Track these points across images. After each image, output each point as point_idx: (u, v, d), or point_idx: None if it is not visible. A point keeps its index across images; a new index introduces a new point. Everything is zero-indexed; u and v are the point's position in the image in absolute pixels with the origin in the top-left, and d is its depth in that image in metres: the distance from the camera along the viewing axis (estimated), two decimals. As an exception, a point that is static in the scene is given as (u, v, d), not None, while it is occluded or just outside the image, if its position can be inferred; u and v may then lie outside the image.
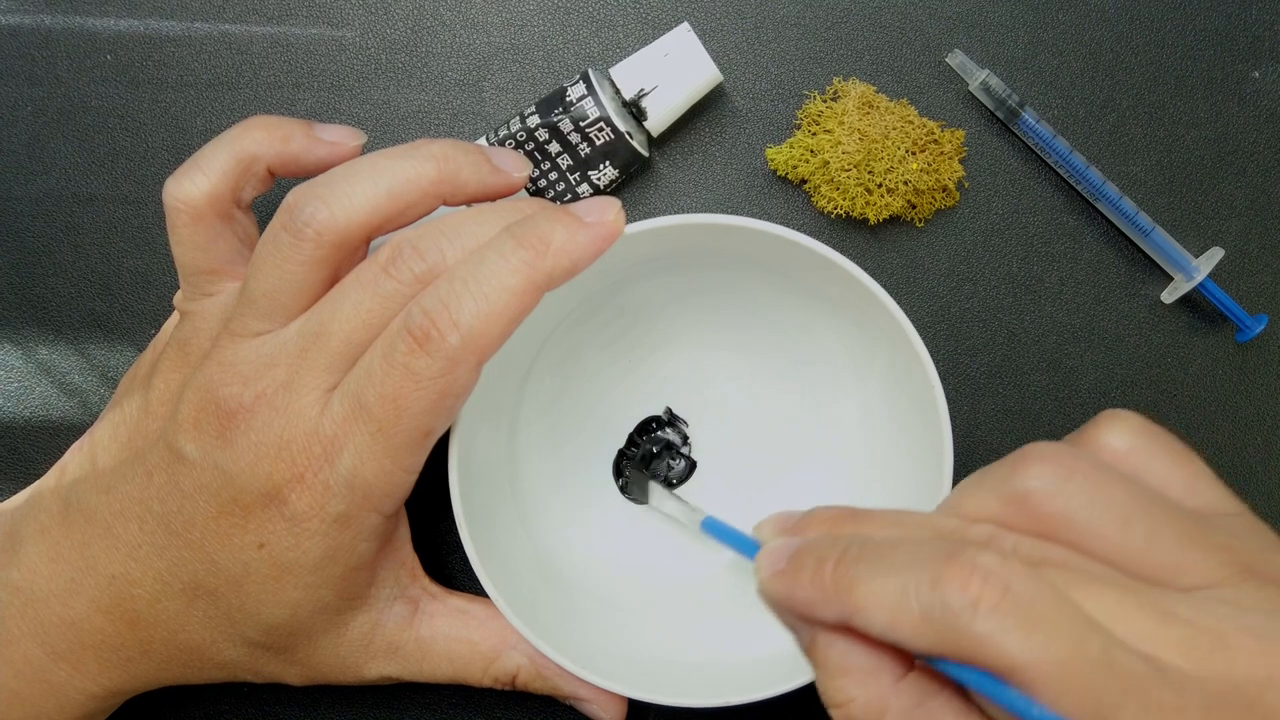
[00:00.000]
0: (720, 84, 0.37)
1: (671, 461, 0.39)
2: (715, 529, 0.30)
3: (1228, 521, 0.23)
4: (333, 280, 0.30)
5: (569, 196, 0.37)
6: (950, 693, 0.22)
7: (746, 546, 0.27)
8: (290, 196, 0.30)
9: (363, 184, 0.29)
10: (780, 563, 0.23)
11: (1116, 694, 0.19)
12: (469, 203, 0.32)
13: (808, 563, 0.23)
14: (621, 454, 0.39)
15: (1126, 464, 0.23)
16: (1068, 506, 0.22)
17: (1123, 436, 0.23)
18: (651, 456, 0.39)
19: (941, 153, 0.38)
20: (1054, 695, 0.19)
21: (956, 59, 0.38)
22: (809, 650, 0.23)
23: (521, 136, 0.36)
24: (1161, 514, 0.22)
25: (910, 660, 0.22)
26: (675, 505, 0.36)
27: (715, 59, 0.36)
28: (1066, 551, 0.21)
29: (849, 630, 0.22)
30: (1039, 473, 0.22)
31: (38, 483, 0.34)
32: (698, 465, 0.39)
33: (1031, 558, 0.21)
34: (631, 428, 0.39)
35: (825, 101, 0.38)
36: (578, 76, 0.36)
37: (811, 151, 0.37)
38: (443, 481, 0.32)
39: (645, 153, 0.37)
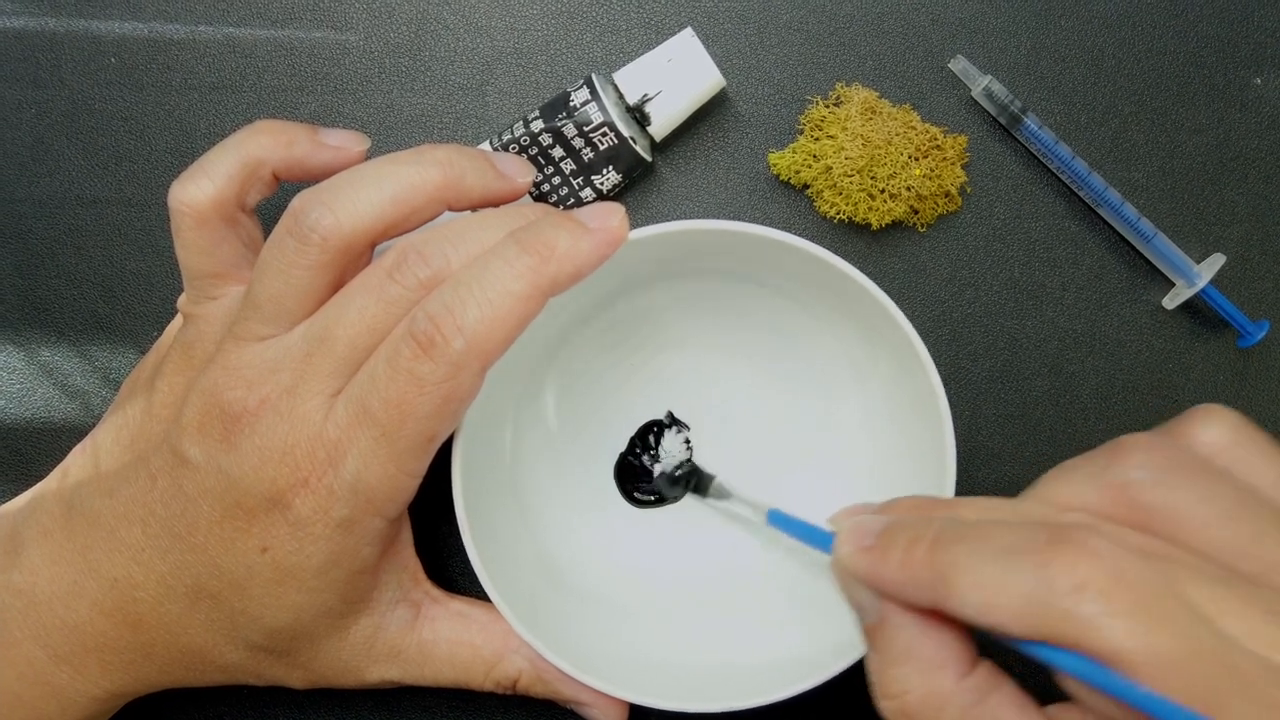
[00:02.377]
0: (723, 89, 0.38)
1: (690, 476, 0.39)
2: (782, 521, 0.30)
3: None
4: (337, 285, 0.30)
5: (572, 201, 0.37)
6: (1011, 689, 0.21)
7: (815, 537, 0.27)
8: (296, 201, 0.30)
9: (368, 189, 0.29)
10: (867, 539, 0.23)
11: (1228, 688, 0.18)
12: (473, 208, 0.32)
13: (899, 540, 0.22)
14: (623, 459, 0.39)
15: (1219, 459, 0.23)
16: (1171, 498, 0.21)
17: (1217, 431, 0.23)
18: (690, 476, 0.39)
19: (944, 158, 0.38)
20: (1161, 684, 0.18)
21: (959, 65, 0.38)
22: (873, 632, 0.22)
23: (525, 141, 0.36)
24: (1264, 513, 0.21)
25: (974, 659, 0.22)
26: (739, 499, 0.37)
27: (718, 64, 0.36)
28: (1166, 544, 0.21)
29: (927, 615, 0.21)
30: (1141, 462, 0.21)
31: (40, 485, 0.34)
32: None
33: (1132, 547, 0.20)
34: (633, 431, 0.39)
35: (828, 107, 0.38)
36: (581, 81, 0.36)
37: (814, 157, 0.37)
38: (445, 485, 0.32)
39: (648, 157, 0.37)
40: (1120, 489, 0.21)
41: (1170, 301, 0.39)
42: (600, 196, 0.37)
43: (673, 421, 0.39)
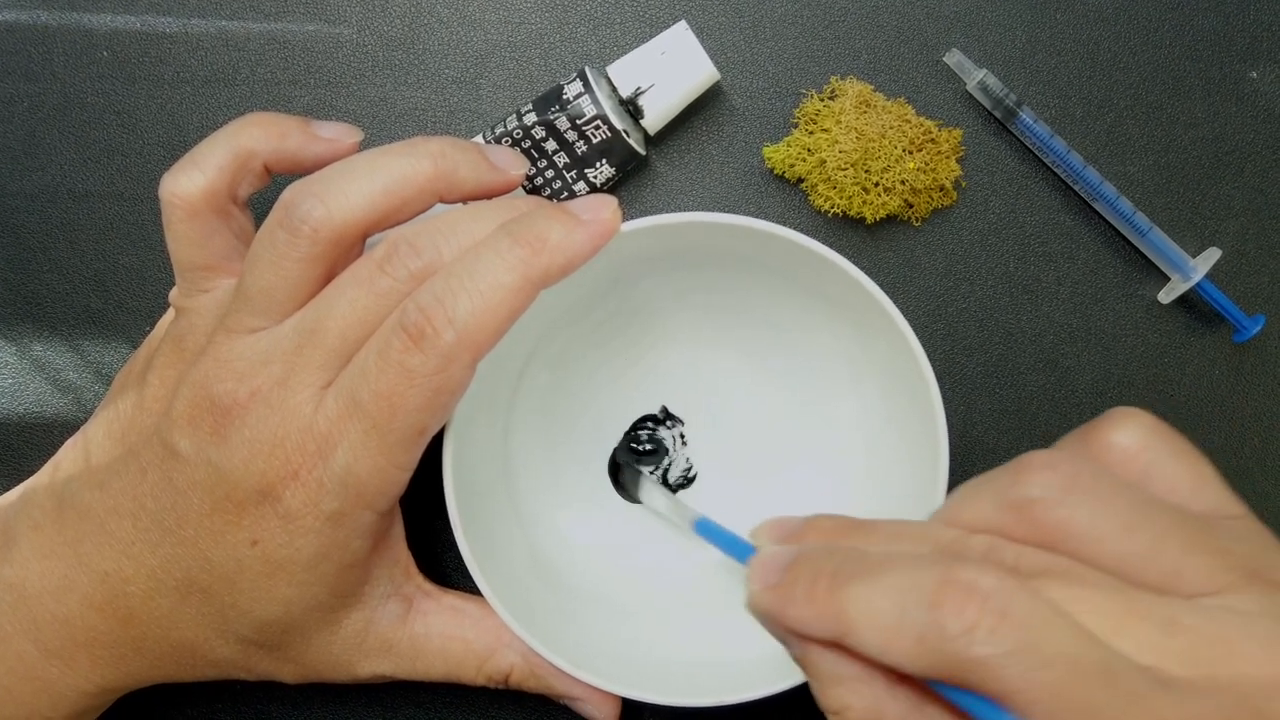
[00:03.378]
0: (717, 82, 0.37)
1: (668, 462, 0.39)
2: (708, 531, 0.30)
3: (1232, 525, 0.22)
4: (328, 277, 0.30)
5: (565, 194, 0.37)
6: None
7: (740, 550, 0.27)
8: (287, 193, 0.30)
9: (359, 181, 0.29)
10: (772, 576, 0.23)
11: (1117, 711, 0.18)
12: (465, 200, 0.32)
13: (801, 578, 0.22)
14: (616, 452, 0.39)
15: (1135, 463, 0.23)
16: (1070, 516, 0.21)
17: (1132, 435, 0.23)
18: (645, 453, 0.39)
19: (939, 152, 0.38)
20: (1051, 718, 0.18)
21: (954, 58, 0.38)
22: (801, 661, 0.23)
23: (518, 134, 0.36)
24: (1165, 520, 0.21)
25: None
26: (667, 503, 0.36)
27: (712, 57, 0.36)
28: (1069, 561, 0.21)
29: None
30: (1040, 481, 0.22)
31: (31, 479, 0.34)
32: (693, 465, 0.39)
33: (1034, 568, 0.21)
34: (627, 426, 0.39)
35: (822, 100, 0.38)
36: (575, 74, 0.36)
37: (808, 150, 0.37)
38: (437, 479, 0.32)
39: (642, 151, 0.37)
40: (1022, 509, 0.22)
41: (1166, 296, 0.39)
42: (593, 190, 0.37)
43: (667, 416, 0.39)
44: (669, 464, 0.39)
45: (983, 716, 0.19)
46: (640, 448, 0.39)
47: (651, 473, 0.39)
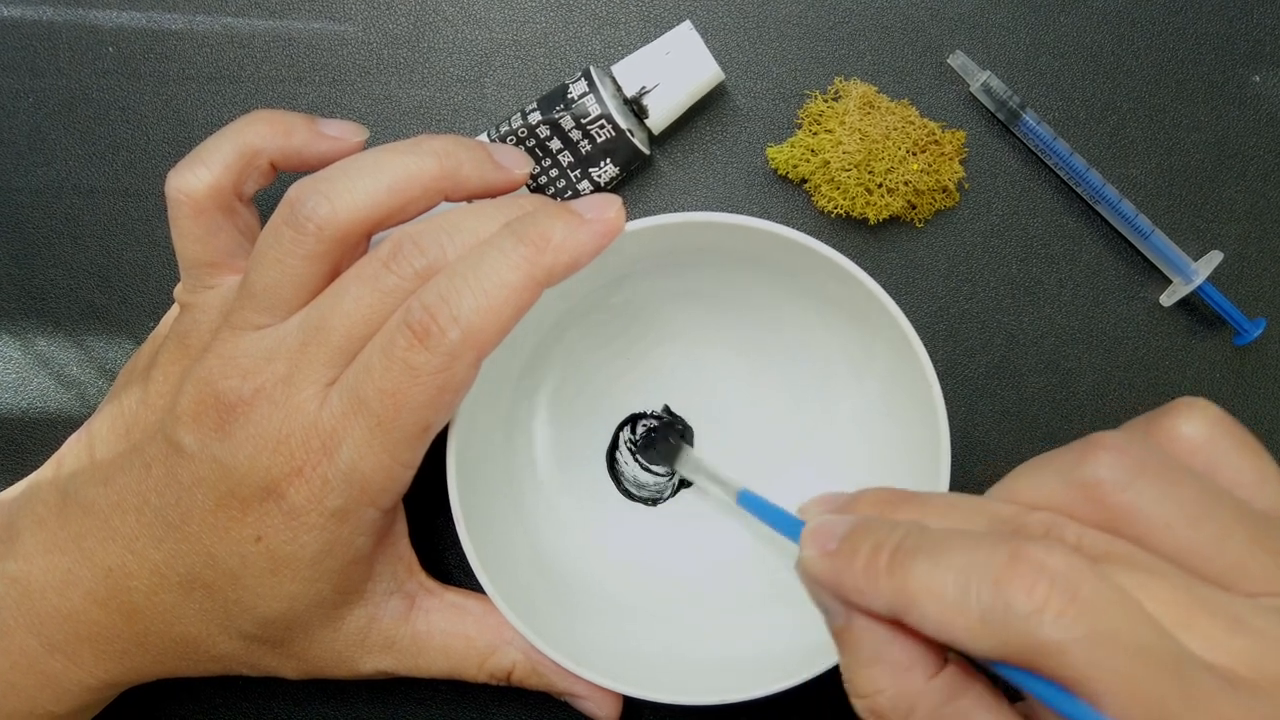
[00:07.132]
0: (721, 83, 0.38)
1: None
2: (752, 503, 0.29)
3: None
4: (333, 275, 0.30)
5: (570, 193, 0.37)
6: (980, 689, 0.21)
7: (786, 524, 0.26)
8: (292, 191, 0.30)
9: (365, 179, 0.29)
10: (830, 543, 0.22)
11: (1183, 708, 0.18)
12: (470, 199, 0.32)
13: (862, 547, 0.22)
14: (613, 449, 0.39)
15: (1200, 455, 0.22)
16: (1138, 500, 0.21)
17: (1198, 426, 0.22)
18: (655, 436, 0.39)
19: (942, 153, 0.38)
20: (1120, 708, 0.18)
21: (958, 60, 0.38)
22: (841, 633, 0.22)
23: (523, 133, 0.36)
24: (1232, 515, 0.21)
25: (944, 657, 0.22)
26: (709, 475, 0.36)
27: (717, 57, 0.36)
28: (1132, 547, 0.21)
29: (892, 621, 0.21)
30: (1110, 462, 0.21)
31: (35, 474, 0.34)
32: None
33: (1096, 551, 0.20)
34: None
35: (826, 101, 0.38)
36: (579, 73, 0.36)
37: (812, 151, 0.37)
38: (441, 477, 0.32)
39: (646, 150, 0.37)
40: (1088, 489, 0.21)
41: (1167, 299, 0.39)
42: (597, 189, 0.37)
43: (670, 415, 0.39)
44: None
45: (1047, 700, 0.19)
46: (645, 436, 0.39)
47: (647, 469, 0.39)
